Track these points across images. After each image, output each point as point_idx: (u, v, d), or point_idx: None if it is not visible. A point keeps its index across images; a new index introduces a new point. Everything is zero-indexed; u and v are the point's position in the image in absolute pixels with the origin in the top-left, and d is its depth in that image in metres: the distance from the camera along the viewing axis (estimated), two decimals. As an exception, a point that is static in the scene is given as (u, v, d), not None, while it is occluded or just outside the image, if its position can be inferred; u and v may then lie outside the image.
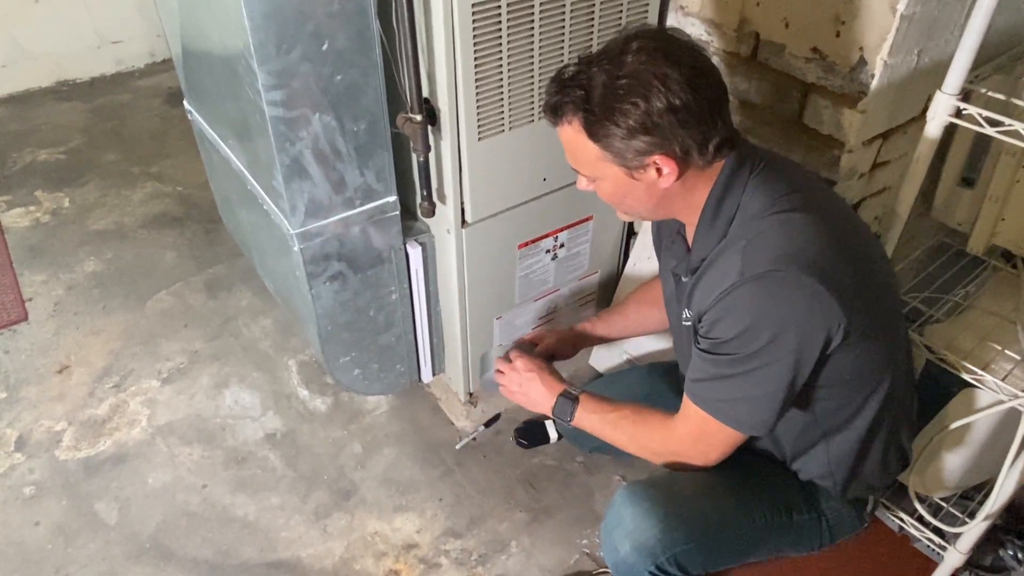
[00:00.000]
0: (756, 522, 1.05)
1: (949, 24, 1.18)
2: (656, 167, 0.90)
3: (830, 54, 1.19)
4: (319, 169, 1.22)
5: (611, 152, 0.90)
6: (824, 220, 0.90)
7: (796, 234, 0.88)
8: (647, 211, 1.01)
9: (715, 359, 0.92)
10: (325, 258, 1.34)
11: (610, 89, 0.87)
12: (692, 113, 0.86)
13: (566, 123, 0.92)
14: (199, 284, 2.10)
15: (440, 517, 1.52)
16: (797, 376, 0.89)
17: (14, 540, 1.47)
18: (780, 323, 0.86)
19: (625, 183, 0.94)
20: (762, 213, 0.91)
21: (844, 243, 0.91)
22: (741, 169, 0.94)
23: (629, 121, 0.86)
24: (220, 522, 1.52)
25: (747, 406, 0.93)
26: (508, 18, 1.15)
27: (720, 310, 0.90)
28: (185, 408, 1.75)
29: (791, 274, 0.85)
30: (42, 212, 2.37)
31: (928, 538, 1.34)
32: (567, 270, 1.63)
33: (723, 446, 0.98)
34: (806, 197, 0.92)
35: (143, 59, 3.22)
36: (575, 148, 0.94)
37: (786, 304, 0.86)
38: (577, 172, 1.00)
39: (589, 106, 0.88)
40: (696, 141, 0.88)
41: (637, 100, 0.85)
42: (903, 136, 1.32)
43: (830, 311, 0.86)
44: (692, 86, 0.85)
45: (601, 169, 0.94)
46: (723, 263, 0.93)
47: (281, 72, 1.09)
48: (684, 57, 0.87)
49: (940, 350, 1.20)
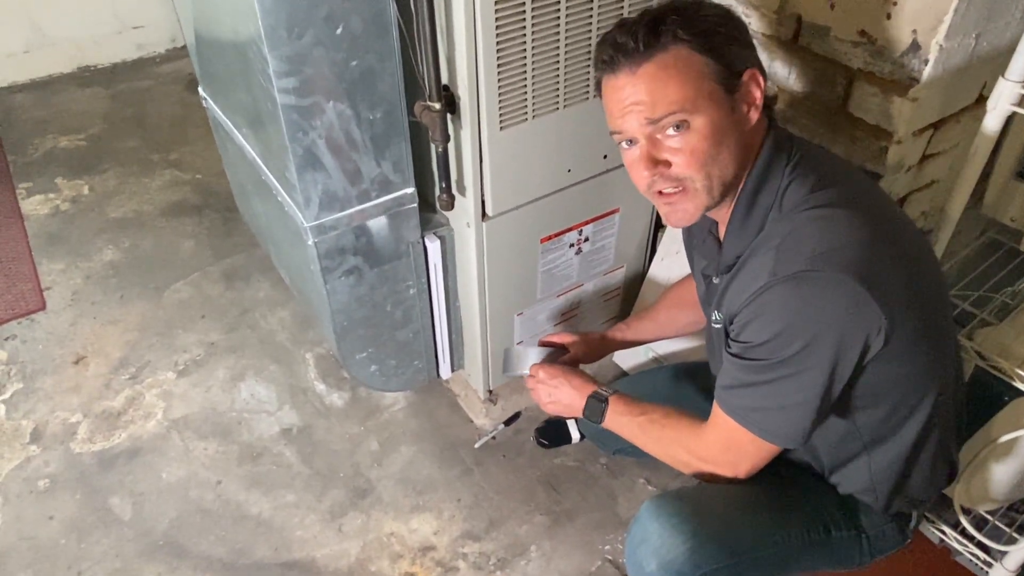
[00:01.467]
0: (792, 540, 0.99)
1: (1012, 4, 1.09)
2: (747, 97, 0.87)
3: (879, 37, 1.10)
4: (334, 160, 1.17)
5: (719, 61, 0.85)
6: (866, 216, 0.84)
7: (834, 231, 0.82)
8: (734, 172, 0.89)
9: (745, 364, 0.87)
10: (340, 252, 1.29)
11: (699, 9, 0.86)
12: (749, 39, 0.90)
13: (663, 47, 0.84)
14: (217, 274, 2.07)
15: (458, 518, 1.48)
16: (833, 384, 0.83)
17: (28, 535, 1.46)
18: (815, 327, 0.80)
19: (725, 116, 0.86)
20: (797, 208, 0.86)
21: (888, 242, 0.84)
22: (778, 158, 0.89)
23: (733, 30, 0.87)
24: (234, 519, 1.49)
25: (779, 416, 0.87)
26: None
27: (751, 312, 0.85)
28: (201, 401, 1.72)
29: (827, 274, 0.79)
30: (62, 199, 2.35)
31: (972, 553, 1.27)
32: (591, 265, 1.57)
33: (754, 458, 0.93)
34: (846, 191, 0.86)
35: (164, 44, 3.20)
36: (673, 76, 0.84)
37: (822, 306, 0.80)
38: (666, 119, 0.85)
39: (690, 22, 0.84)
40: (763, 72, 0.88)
41: (729, 14, 0.88)
42: (956, 126, 1.23)
43: (870, 314, 0.79)
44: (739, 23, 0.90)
45: (702, 94, 0.84)
46: (755, 262, 0.87)
47: (293, 58, 1.04)
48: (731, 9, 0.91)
49: (992, 356, 1.12)
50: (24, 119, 2.75)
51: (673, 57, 0.84)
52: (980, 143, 1.01)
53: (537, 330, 1.60)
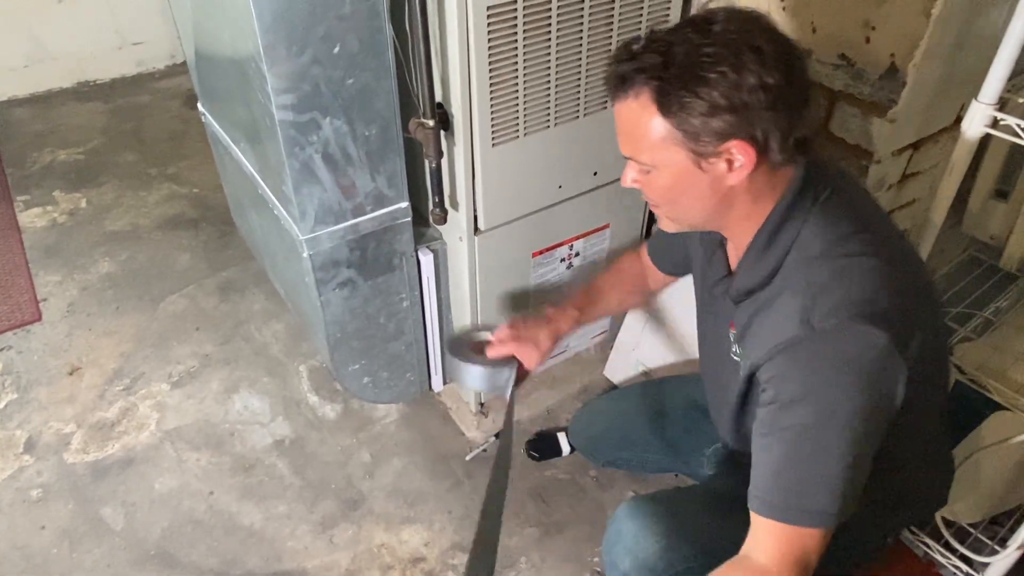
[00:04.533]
0: None
1: (985, 30, 1.13)
2: (729, 157, 0.78)
3: (859, 60, 1.14)
4: (329, 174, 1.20)
5: (683, 131, 0.76)
6: (894, 266, 0.80)
7: (866, 282, 0.78)
8: (701, 215, 0.86)
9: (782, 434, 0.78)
10: (335, 264, 1.31)
11: (694, 57, 0.74)
12: (783, 96, 0.74)
13: (632, 95, 0.78)
14: (212, 287, 2.09)
15: (448, 530, 1.49)
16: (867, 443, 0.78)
17: (19, 544, 1.46)
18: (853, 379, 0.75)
19: (688, 175, 0.80)
20: (826, 254, 0.80)
21: (912, 294, 0.81)
22: (805, 194, 0.83)
23: (714, 93, 0.73)
24: (226, 530, 1.49)
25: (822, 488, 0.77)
26: (524, 21, 1.12)
27: (782, 366, 0.79)
28: (194, 412, 1.73)
29: (864, 329, 0.74)
30: (59, 212, 2.37)
31: (955, 566, 1.29)
32: (583, 279, 1.59)
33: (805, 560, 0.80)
34: (875, 238, 0.81)
35: (164, 60, 3.24)
36: (635, 127, 0.80)
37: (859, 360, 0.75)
38: (630, 159, 0.84)
39: (666, 74, 0.75)
40: (781, 130, 0.76)
41: (725, 70, 0.73)
42: (935, 146, 1.26)
43: (898, 368, 0.76)
44: (786, 65, 0.74)
45: (663, 155, 0.79)
46: (782, 307, 0.82)
47: (291, 75, 1.07)
48: (776, 34, 0.76)
49: (972, 371, 1.15)
50: (23, 133, 2.78)
51: (637, 108, 0.78)
52: (956, 163, 1.04)
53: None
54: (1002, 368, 1.17)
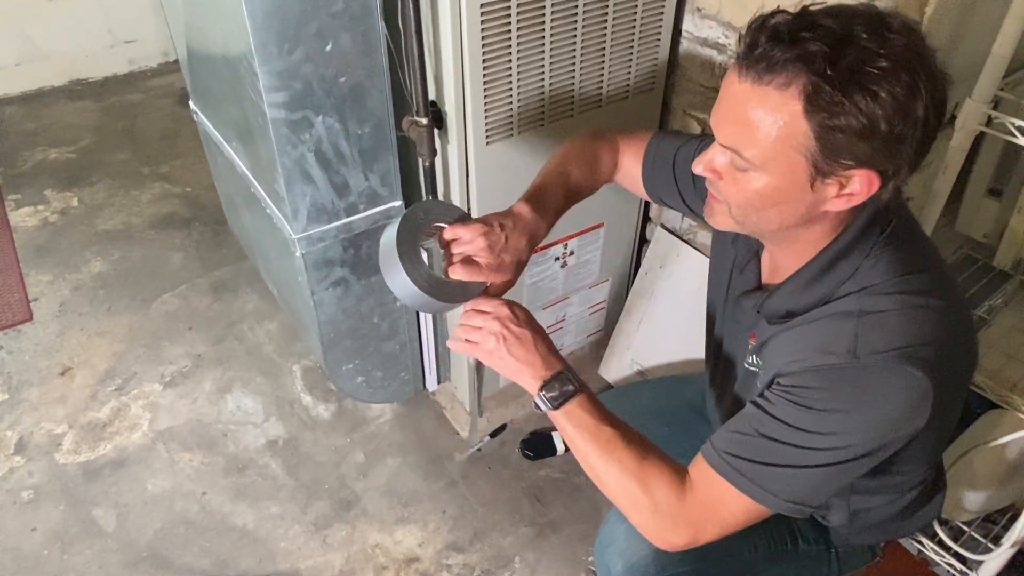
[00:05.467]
0: (758, 549, 0.99)
1: (979, 29, 1.13)
2: (843, 182, 0.69)
3: (853, 59, 1.14)
4: (322, 173, 1.19)
5: (821, 142, 0.66)
6: (949, 313, 0.75)
7: (922, 325, 0.73)
8: (774, 229, 0.77)
9: (770, 419, 0.76)
10: (328, 263, 1.30)
11: (867, 62, 0.62)
12: (928, 132, 0.66)
13: (777, 82, 0.65)
14: (205, 286, 2.08)
15: (443, 530, 1.49)
16: (855, 463, 0.75)
17: (10, 546, 1.45)
18: (878, 416, 0.72)
19: (793, 189, 0.70)
20: (883, 287, 0.75)
21: (960, 344, 0.77)
22: (872, 227, 0.76)
23: (877, 112, 0.63)
24: (219, 531, 1.49)
25: (781, 475, 0.75)
26: (518, 19, 1.11)
27: (817, 379, 0.74)
28: (187, 413, 1.73)
29: (912, 372, 0.70)
30: (51, 211, 2.36)
31: (949, 563, 1.29)
32: (577, 278, 1.59)
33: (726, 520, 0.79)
34: (933, 280, 0.76)
35: (156, 59, 3.22)
36: (762, 117, 0.67)
37: (892, 400, 0.72)
38: (728, 148, 0.72)
39: (833, 72, 0.63)
40: (908, 172, 0.69)
41: (899, 90, 0.62)
42: (928, 145, 1.26)
43: (924, 416, 0.73)
44: (941, 103, 0.66)
45: (779, 158, 0.68)
46: (829, 328, 0.76)
47: (283, 73, 1.06)
48: (937, 62, 0.66)
49: (965, 369, 1.15)
50: (14, 131, 2.76)
51: (775, 98, 0.66)
52: (950, 161, 1.04)
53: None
54: (995, 366, 1.17)
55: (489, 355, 0.85)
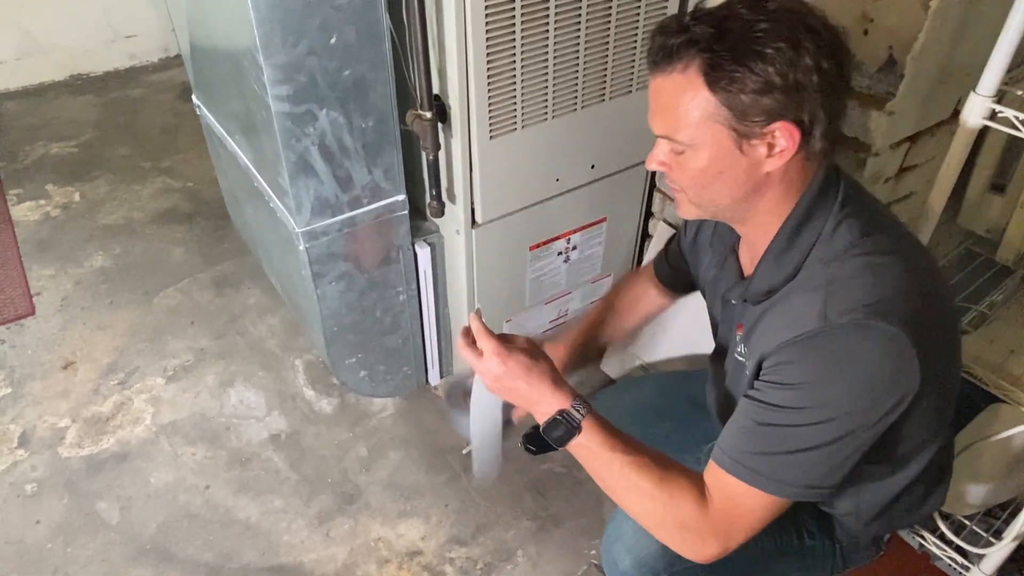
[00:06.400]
0: (764, 543, 0.99)
1: (983, 23, 1.13)
2: (771, 140, 0.75)
3: (857, 53, 1.14)
4: (326, 166, 1.19)
5: (730, 108, 0.73)
6: (912, 267, 0.78)
7: (887, 281, 0.76)
8: (730, 201, 0.81)
9: (763, 407, 0.77)
10: (331, 258, 1.31)
11: (750, 31, 0.71)
12: (832, 83, 0.72)
13: (678, 68, 0.74)
14: (207, 281, 2.08)
15: (445, 524, 1.49)
16: (853, 438, 0.76)
17: (14, 539, 1.46)
18: (857, 377, 0.74)
19: (726, 156, 0.76)
20: (846, 252, 0.78)
21: (931, 296, 0.79)
22: (825, 194, 0.81)
23: (769, 69, 0.70)
24: (222, 524, 1.49)
25: (784, 461, 0.76)
26: (523, 12, 1.11)
27: (792, 354, 0.76)
28: (190, 407, 1.73)
29: (885, 328, 0.72)
30: (52, 206, 2.36)
31: (951, 557, 1.29)
32: (579, 273, 1.59)
33: (748, 520, 0.79)
34: (892, 239, 0.80)
35: (156, 53, 3.21)
36: (678, 103, 0.75)
37: (870, 358, 0.74)
38: (664, 138, 0.80)
39: (719, 46, 0.71)
40: (825, 117, 0.74)
41: (783, 46, 0.70)
42: (932, 139, 1.27)
43: (911, 375, 0.74)
44: (837, 53, 0.73)
45: (704, 133, 0.75)
46: (799, 302, 0.79)
47: (287, 66, 1.06)
48: (827, 20, 0.74)
49: (968, 364, 1.15)
50: (15, 126, 2.76)
51: (682, 83, 0.74)
52: (953, 155, 1.04)
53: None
54: (998, 361, 1.17)
55: (493, 382, 0.89)
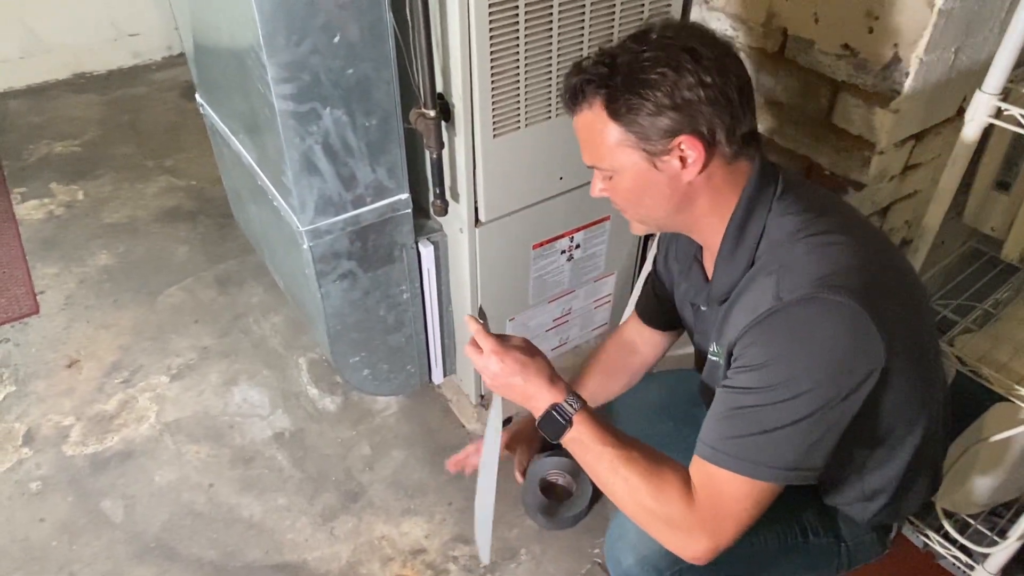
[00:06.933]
0: (768, 542, 0.99)
1: (989, 20, 1.12)
2: (680, 153, 0.82)
3: (862, 51, 1.14)
4: (329, 165, 1.19)
5: (634, 132, 0.82)
6: (861, 243, 0.81)
7: (834, 257, 0.79)
8: (665, 214, 0.89)
9: (735, 392, 0.80)
10: (335, 256, 1.31)
11: (636, 62, 0.80)
12: (721, 93, 0.80)
13: (586, 106, 0.84)
14: (210, 279, 2.08)
15: (449, 522, 1.49)
16: (827, 412, 0.77)
17: (19, 537, 1.46)
18: (818, 350, 0.76)
19: (646, 175, 0.84)
20: (792, 237, 0.83)
21: (884, 269, 0.82)
22: (764, 188, 0.86)
23: (656, 93, 0.79)
24: (226, 522, 1.49)
25: (763, 441, 0.78)
26: (526, 11, 1.11)
27: (753, 336, 0.80)
28: (193, 405, 1.73)
29: (835, 299, 0.75)
30: (56, 205, 2.36)
31: (954, 556, 1.29)
32: (583, 271, 1.59)
33: (735, 509, 0.80)
34: (837, 219, 0.84)
35: (160, 52, 3.21)
36: (593, 135, 0.85)
37: (828, 330, 0.76)
38: (594, 169, 0.90)
39: (612, 81, 0.81)
40: (724, 123, 0.81)
41: (665, 71, 0.78)
42: (937, 137, 1.26)
43: (873, 346, 0.76)
44: (720, 66, 0.80)
45: (621, 159, 0.84)
46: (755, 289, 0.83)
47: (291, 65, 1.06)
48: (710, 40, 0.82)
49: (973, 362, 1.15)
50: (19, 124, 2.76)
51: (591, 118, 0.84)
52: (958, 153, 1.04)
53: (530, 335, 1.61)
54: (1003, 359, 1.17)
55: (490, 379, 0.95)
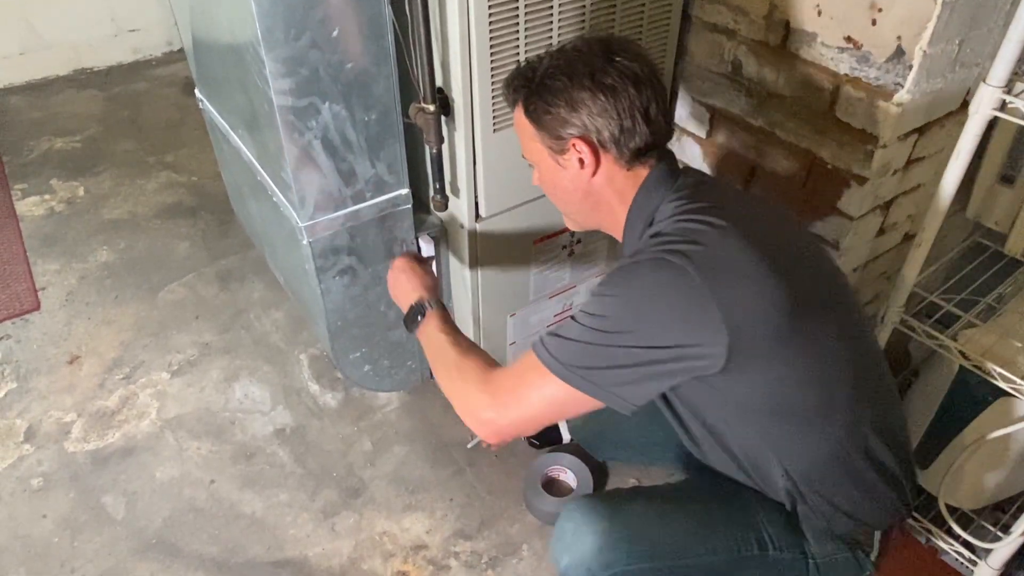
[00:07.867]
0: (718, 553, 0.97)
1: (994, 12, 1.11)
2: (577, 153, 0.93)
3: (865, 43, 1.13)
4: (329, 160, 1.19)
5: (541, 131, 0.94)
6: (737, 231, 0.85)
7: (694, 234, 0.86)
8: (578, 209, 1.02)
9: (576, 312, 0.90)
10: (335, 252, 1.30)
11: (547, 71, 0.93)
12: (615, 102, 0.89)
13: (517, 107, 0.98)
14: (211, 275, 2.08)
15: (450, 518, 1.49)
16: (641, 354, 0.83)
17: (21, 533, 1.46)
18: (643, 298, 0.84)
19: (553, 170, 0.97)
20: (670, 218, 0.91)
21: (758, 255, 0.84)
22: (662, 183, 0.94)
23: (556, 99, 0.91)
24: (227, 518, 1.49)
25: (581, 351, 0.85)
26: (526, 4, 1.10)
27: (603, 279, 0.91)
28: (194, 401, 1.73)
29: (671, 259, 0.83)
30: (57, 201, 2.36)
31: (957, 551, 1.29)
32: (584, 267, 1.58)
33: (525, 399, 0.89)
34: (726, 210, 0.89)
35: (160, 48, 3.21)
36: (520, 131, 1.00)
37: (656, 285, 0.84)
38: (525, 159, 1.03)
39: (530, 87, 0.94)
40: (613, 132, 0.90)
41: (564, 77, 0.90)
42: (941, 131, 1.25)
43: (707, 316, 0.80)
44: (621, 77, 0.89)
45: (536, 153, 0.98)
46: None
47: (289, 59, 1.05)
48: (624, 55, 0.90)
49: (976, 357, 1.14)
50: (19, 121, 2.76)
51: (519, 116, 0.98)
52: (962, 147, 1.03)
53: (530, 331, 1.61)
54: (1006, 354, 1.16)
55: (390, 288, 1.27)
